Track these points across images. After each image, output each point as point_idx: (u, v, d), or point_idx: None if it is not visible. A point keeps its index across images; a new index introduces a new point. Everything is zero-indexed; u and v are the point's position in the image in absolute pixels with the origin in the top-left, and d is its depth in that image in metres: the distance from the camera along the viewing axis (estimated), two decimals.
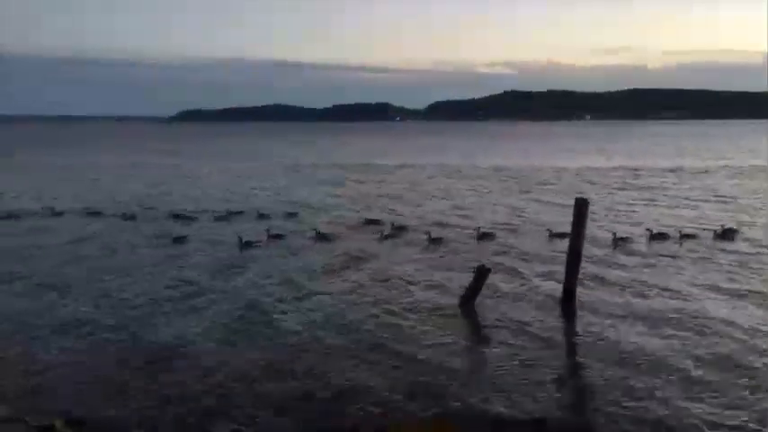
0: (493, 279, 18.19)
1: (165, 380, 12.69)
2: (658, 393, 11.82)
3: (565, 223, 29.19)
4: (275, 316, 16.76)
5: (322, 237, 26.65)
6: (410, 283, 20.11)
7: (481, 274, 17.52)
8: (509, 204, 37.77)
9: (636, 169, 61.83)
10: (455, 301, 17.76)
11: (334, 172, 61.64)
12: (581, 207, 17.70)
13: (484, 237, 26.67)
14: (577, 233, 17.63)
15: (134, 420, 10.98)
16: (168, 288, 19.44)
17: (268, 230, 26.81)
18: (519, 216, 33.22)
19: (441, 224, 30.28)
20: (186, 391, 12.20)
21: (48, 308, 17.43)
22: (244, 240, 25.41)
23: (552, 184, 49.71)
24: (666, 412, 11.12)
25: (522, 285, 19.65)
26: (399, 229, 28.37)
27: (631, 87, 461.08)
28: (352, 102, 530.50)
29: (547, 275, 20.63)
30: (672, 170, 60.65)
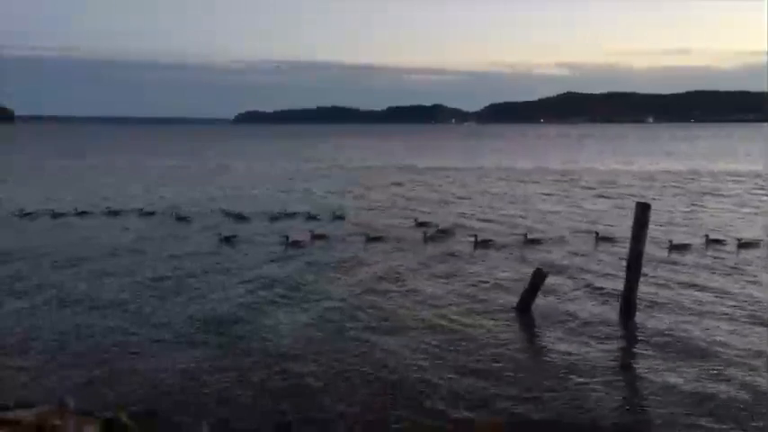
0: (546, 284, 17.60)
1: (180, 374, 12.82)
2: (718, 415, 11.21)
3: (613, 227, 28.86)
4: (318, 315, 16.78)
5: (370, 238, 26.81)
6: (460, 285, 19.84)
7: (538, 278, 17.11)
8: (558, 209, 37.07)
9: (694, 173, 60.16)
10: (509, 304, 17.39)
11: (386, 174, 61.95)
12: (642, 211, 16.90)
13: (531, 241, 26.22)
14: (638, 239, 16.78)
15: (200, 412, 11.06)
16: (202, 284, 19.84)
17: (312, 231, 27.15)
18: (567, 220, 32.64)
19: (487, 227, 29.93)
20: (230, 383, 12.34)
21: (86, 303, 17.95)
22: (290, 240, 25.83)
23: (606, 187, 48.67)
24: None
25: (577, 291, 19.07)
26: (444, 232, 28.22)
27: (696, 89, 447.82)
28: (408, 104, 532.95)
29: (599, 282, 20.00)
30: (732, 174, 58.64)
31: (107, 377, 12.77)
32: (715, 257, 23.50)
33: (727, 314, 16.80)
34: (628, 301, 16.82)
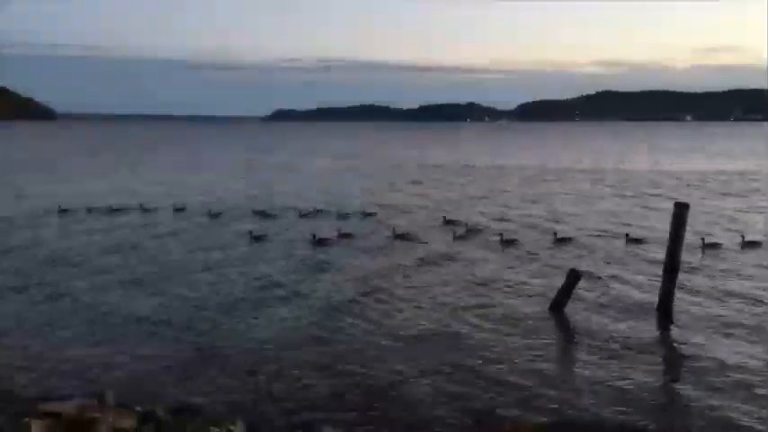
0: (579, 285, 17.34)
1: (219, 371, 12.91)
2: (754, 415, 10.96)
3: (642, 228, 28.48)
4: (344, 314, 16.68)
5: (399, 236, 26.88)
6: (485, 285, 19.69)
7: (572, 278, 16.95)
8: (585, 208, 36.71)
9: (722, 172, 59.09)
10: (540, 306, 17.25)
11: (417, 171, 61.88)
12: (681, 211, 16.56)
13: (561, 240, 26.05)
14: (676, 239, 16.44)
15: (197, 408, 11.07)
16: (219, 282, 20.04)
17: (339, 229, 27.26)
18: (595, 220, 32.30)
19: (514, 227, 29.73)
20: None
21: (113, 301, 18.17)
22: (317, 238, 26.07)
23: (633, 186, 48.08)
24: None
25: (611, 293, 18.71)
26: (472, 231, 28.14)
27: (736, 87, 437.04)
28: (444, 102, 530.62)
29: (634, 283, 19.69)
30: (757, 174, 57.44)
31: (104, 373, 12.81)
32: (752, 261, 22.90)
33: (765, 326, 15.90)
34: (664, 307, 16.51)
